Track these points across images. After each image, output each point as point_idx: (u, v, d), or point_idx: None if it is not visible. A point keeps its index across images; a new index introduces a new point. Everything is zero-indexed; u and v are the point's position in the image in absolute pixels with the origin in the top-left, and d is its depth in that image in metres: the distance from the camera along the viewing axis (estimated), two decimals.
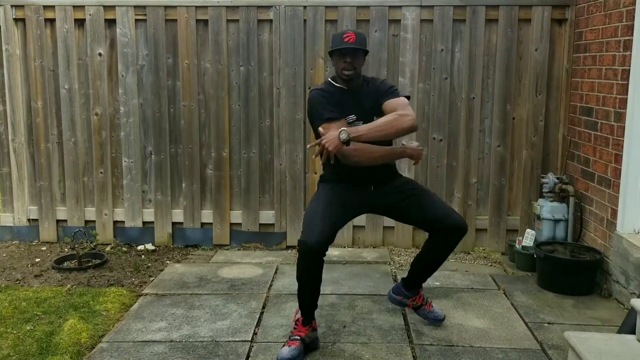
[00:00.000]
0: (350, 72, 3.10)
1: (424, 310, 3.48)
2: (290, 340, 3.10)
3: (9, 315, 3.54)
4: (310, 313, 3.17)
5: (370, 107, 3.15)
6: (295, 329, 3.15)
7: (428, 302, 3.50)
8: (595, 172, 4.16)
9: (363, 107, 3.15)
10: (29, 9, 4.80)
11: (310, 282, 3.08)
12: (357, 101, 3.16)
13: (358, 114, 3.13)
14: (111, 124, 4.91)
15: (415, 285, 3.46)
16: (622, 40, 3.81)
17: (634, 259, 3.59)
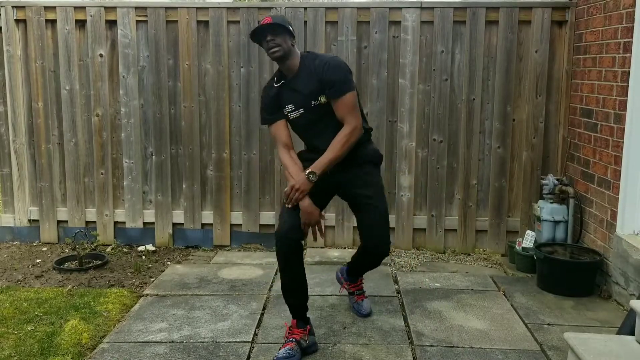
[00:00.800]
0: (276, 49, 3.03)
1: (352, 299, 3.68)
2: (286, 342, 3.11)
3: (10, 315, 3.54)
4: (302, 314, 3.19)
5: (309, 91, 3.12)
6: (289, 333, 3.15)
7: (361, 294, 3.67)
8: (595, 173, 4.17)
9: (300, 93, 3.14)
10: (30, 10, 4.81)
11: (292, 276, 3.11)
12: (294, 88, 3.16)
13: (295, 102, 3.16)
14: (112, 124, 4.92)
15: (352, 274, 3.69)
16: (622, 42, 3.82)
17: (633, 261, 3.60)
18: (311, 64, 3.13)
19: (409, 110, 4.77)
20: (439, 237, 4.89)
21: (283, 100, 3.20)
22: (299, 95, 3.15)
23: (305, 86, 3.13)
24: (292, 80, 3.17)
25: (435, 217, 4.86)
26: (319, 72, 3.09)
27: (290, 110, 3.19)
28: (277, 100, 3.21)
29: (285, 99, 3.19)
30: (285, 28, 3.07)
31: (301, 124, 3.23)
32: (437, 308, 3.71)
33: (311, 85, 3.11)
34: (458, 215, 4.86)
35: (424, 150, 4.82)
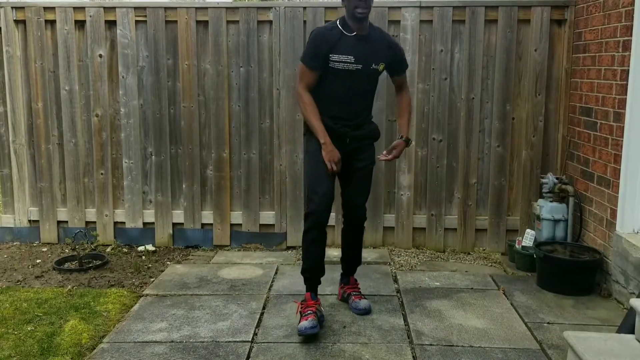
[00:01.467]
0: (365, 10, 3.22)
1: (350, 299, 3.69)
2: (305, 315, 3.30)
3: (10, 316, 3.55)
4: (316, 287, 3.48)
5: (377, 54, 3.36)
6: (305, 307, 3.36)
7: (358, 295, 3.70)
8: (594, 172, 4.17)
9: (363, 52, 3.31)
10: (30, 11, 4.81)
11: (319, 251, 3.42)
12: (358, 45, 3.30)
13: (359, 55, 3.30)
14: (112, 125, 4.92)
15: (345, 273, 3.78)
16: (621, 40, 3.82)
17: (633, 259, 3.60)
18: (381, 34, 3.47)
19: None
20: (438, 236, 4.89)
21: (342, 49, 3.27)
22: (367, 51, 3.31)
23: (375, 46, 3.35)
24: (365, 36, 3.32)
25: (435, 216, 4.86)
26: (391, 45, 3.45)
27: (346, 61, 3.27)
28: (333, 48, 3.26)
29: (347, 49, 3.27)
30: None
31: (347, 80, 3.31)
32: (437, 307, 3.71)
33: (381, 50, 3.37)
34: (458, 214, 4.86)
35: (424, 149, 4.82)
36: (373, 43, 3.36)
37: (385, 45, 3.41)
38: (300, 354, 3.12)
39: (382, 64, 3.39)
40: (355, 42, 3.30)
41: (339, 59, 3.28)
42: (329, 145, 3.31)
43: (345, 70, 3.30)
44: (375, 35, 3.40)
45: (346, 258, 3.77)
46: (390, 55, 3.43)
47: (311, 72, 3.33)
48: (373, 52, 3.34)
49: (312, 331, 3.22)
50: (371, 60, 3.34)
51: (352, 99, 3.38)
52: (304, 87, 3.35)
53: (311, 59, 3.31)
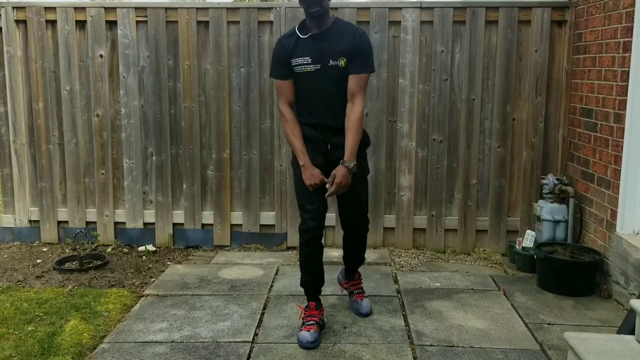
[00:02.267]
0: (317, 8, 3.09)
1: (352, 299, 3.68)
2: (307, 325, 3.28)
3: (11, 316, 3.55)
4: (318, 296, 3.44)
5: (334, 49, 3.16)
6: (308, 315, 3.35)
7: (360, 293, 3.66)
8: (595, 173, 4.17)
9: (319, 50, 3.17)
10: (30, 11, 4.81)
11: (316, 265, 3.38)
12: (314, 44, 3.19)
13: (315, 55, 3.18)
14: (112, 125, 4.93)
15: (349, 270, 3.74)
16: (621, 41, 3.82)
17: (633, 260, 3.60)
18: (345, 26, 3.27)
19: (408, 110, 4.77)
20: (439, 237, 4.89)
21: (300, 52, 3.19)
22: (322, 50, 3.17)
23: (332, 42, 3.17)
24: (320, 34, 3.19)
25: (435, 216, 4.86)
26: (351, 37, 3.18)
27: (303, 63, 3.18)
28: (292, 54, 3.20)
29: (303, 52, 3.19)
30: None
31: (311, 81, 3.20)
32: (437, 308, 3.71)
33: (339, 44, 3.17)
34: (458, 215, 4.86)
35: (424, 150, 4.82)
36: (332, 38, 3.18)
37: (347, 38, 3.18)
38: (300, 354, 3.12)
39: (342, 59, 3.16)
40: (311, 42, 3.19)
41: (297, 62, 3.20)
42: (308, 168, 3.20)
43: (305, 72, 3.20)
44: (338, 29, 3.21)
45: (349, 261, 3.73)
46: (350, 47, 3.16)
47: (283, 82, 3.24)
48: (331, 47, 3.17)
49: (311, 345, 3.18)
50: (328, 56, 3.16)
51: (321, 101, 3.24)
52: (283, 103, 3.27)
53: (276, 69, 3.27)
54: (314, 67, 3.18)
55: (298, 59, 3.20)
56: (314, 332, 3.23)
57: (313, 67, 3.19)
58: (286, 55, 3.21)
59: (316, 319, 3.31)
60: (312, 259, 3.36)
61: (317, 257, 3.38)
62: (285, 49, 3.22)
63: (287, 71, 3.23)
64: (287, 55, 3.21)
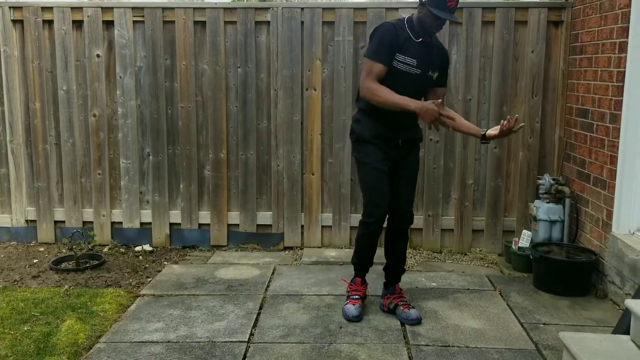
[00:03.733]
0: (437, 31, 3.34)
1: (399, 310, 3.58)
2: (353, 299, 3.59)
3: (7, 316, 3.55)
4: (365, 274, 3.71)
5: (434, 62, 3.42)
6: (353, 290, 3.64)
7: (406, 305, 3.59)
8: (591, 173, 4.18)
9: (425, 58, 3.37)
10: (27, 11, 4.81)
11: (372, 248, 3.61)
12: (421, 49, 3.37)
13: (420, 60, 3.36)
14: (109, 125, 4.93)
15: (389, 281, 3.74)
16: (617, 42, 3.83)
17: (629, 260, 3.61)
18: (438, 41, 3.53)
19: None
20: (435, 237, 4.89)
21: (410, 52, 3.33)
22: (427, 58, 3.37)
23: (435, 54, 3.42)
24: (429, 43, 3.39)
25: (432, 217, 4.87)
26: (445, 55, 3.53)
27: (409, 63, 3.33)
28: (402, 48, 3.31)
29: (411, 52, 3.33)
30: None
31: (406, 82, 3.35)
32: (433, 307, 3.72)
33: (438, 58, 3.44)
34: (455, 215, 4.87)
35: (421, 150, 4.80)
36: (434, 51, 3.42)
37: (442, 55, 3.49)
38: (296, 354, 3.12)
39: (437, 72, 3.44)
40: (420, 47, 3.35)
41: (403, 59, 3.33)
42: (423, 105, 3.22)
43: (406, 72, 3.35)
44: (436, 43, 3.47)
45: (390, 266, 3.71)
46: (444, 64, 3.51)
47: (382, 66, 3.31)
48: (432, 59, 3.40)
49: (357, 319, 3.50)
50: (429, 67, 3.39)
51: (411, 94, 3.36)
52: (372, 80, 3.31)
53: (381, 52, 3.30)
54: (416, 70, 3.36)
55: (406, 58, 3.33)
56: (359, 306, 3.55)
57: (414, 71, 3.36)
58: (396, 46, 3.31)
59: (361, 294, 3.62)
60: (370, 247, 3.60)
61: (374, 246, 3.62)
62: (398, 39, 3.32)
63: (390, 59, 3.32)
64: (397, 47, 3.31)
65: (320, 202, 4.91)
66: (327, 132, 4.83)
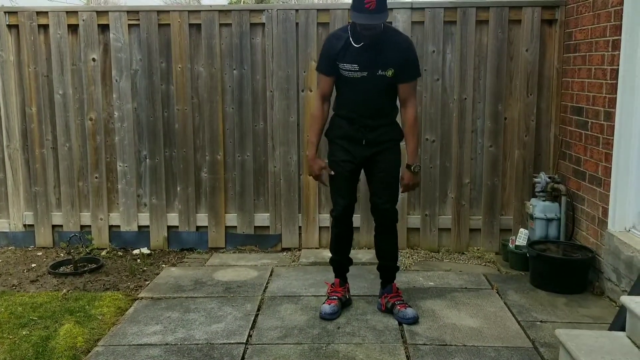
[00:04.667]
0: (371, 31, 3.24)
1: (396, 310, 3.58)
2: (330, 299, 3.63)
3: (5, 320, 3.55)
4: (344, 274, 3.74)
5: (384, 61, 3.34)
6: (332, 291, 3.69)
7: (403, 304, 3.59)
8: (586, 171, 4.19)
9: (369, 59, 3.33)
10: (22, 15, 4.82)
11: (344, 245, 3.68)
12: (364, 53, 3.33)
13: (362, 64, 3.34)
14: (105, 128, 4.93)
15: (384, 280, 3.74)
16: (610, 40, 3.84)
17: (625, 257, 3.63)
18: (393, 36, 3.43)
19: None
20: (432, 236, 4.90)
21: (348, 58, 3.35)
22: (372, 59, 3.33)
23: (383, 53, 3.33)
24: (371, 44, 3.31)
25: (429, 216, 4.88)
26: (401, 50, 3.38)
27: (350, 69, 3.36)
28: (340, 56, 3.36)
29: (352, 58, 3.34)
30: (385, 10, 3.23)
31: (355, 85, 3.40)
32: (431, 307, 3.73)
33: (389, 56, 3.34)
34: (452, 214, 4.88)
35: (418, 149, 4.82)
36: (383, 49, 3.34)
37: (397, 49, 3.37)
38: (294, 355, 3.13)
39: (390, 70, 3.36)
40: (361, 50, 3.33)
41: (344, 67, 3.38)
42: (311, 159, 3.56)
43: (352, 77, 3.39)
44: (388, 39, 3.36)
45: (382, 264, 3.73)
46: (401, 60, 3.38)
47: (324, 77, 3.48)
48: (381, 58, 3.34)
49: (331, 317, 3.53)
50: (377, 67, 3.35)
51: (364, 103, 3.44)
52: (318, 96, 3.54)
53: (322, 63, 3.49)
54: (361, 74, 3.38)
55: (346, 65, 3.37)
56: (334, 305, 3.57)
57: (360, 74, 3.37)
58: (334, 55, 3.38)
59: (339, 295, 3.65)
60: (341, 240, 3.67)
61: (345, 240, 3.67)
62: (334, 48, 3.38)
63: (332, 69, 3.41)
64: (335, 56, 3.38)
65: (318, 202, 4.92)
66: None
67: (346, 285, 3.75)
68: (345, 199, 3.55)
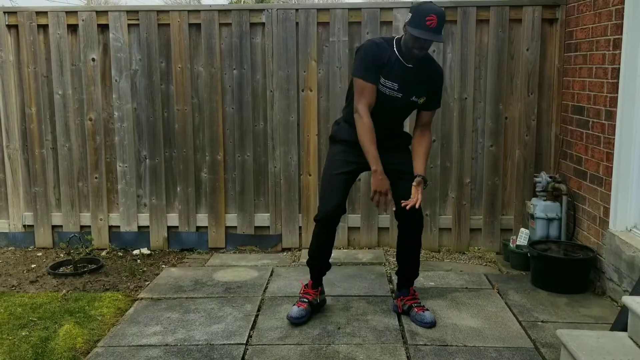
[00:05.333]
0: (423, 51, 3.23)
1: (413, 313, 3.52)
2: (300, 301, 3.54)
3: (5, 321, 3.54)
4: (319, 277, 3.62)
5: (415, 85, 3.31)
6: (304, 293, 3.59)
7: (420, 307, 3.53)
8: (587, 170, 4.18)
9: (407, 81, 3.30)
10: (22, 15, 4.81)
11: (325, 248, 3.53)
12: (405, 72, 3.29)
13: (402, 85, 3.30)
14: (105, 128, 4.92)
15: (402, 284, 3.65)
16: (611, 39, 3.83)
17: (626, 257, 3.61)
18: (429, 64, 3.39)
19: None
20: (433, 236, 4.89)
21: (390, 74, 3.27)
22: (409, 83, 3.30)
23: (421, 79, 3.31)
24: (412, 67, 3.29)
25: (430, 216, 4.87)
26: (435, 78, 3.40)
27: (390, 87, 3.29)
28: (385, 69, 3.26)
29: (394, 75, 3.28)
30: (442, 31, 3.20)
31: (385, 104, 3.32)
32: (432, 307, 3.71)
33: (425, 83, 3.34)
34: (452, 214, 4.87)
35: None
36: (421, 74, 3.31)
37: (433, 78, 3.38)
38: (294, 355, 3.12)
39: (423, 97, 3.35)
40: (405, 70, 3.28)
41: (386, 83, 3.28)
42: (380, 174, 3.26)
43: (387, 95, 3.30)
44: (426, 65, 3.34)
45: (402, 270, 3.64)
46: (434, 88, 3.40)
47: (371, 85, 3.26)
48: (418, 84, 3.31)
49: (297, 321, 3.44)
50: (413, 92, 3.32)
51: (386, 119, 3.36)
52: (364, 105, 3.27)
53: (367, 71, 3.26)
54: (397, 94, 3.31)
55: (388, 82, 3.29)
56: (301, 309, 3.48)
57: (396, 94, 3.31)
58: (380, 65, 3.26)
59: (310, 297, 3.55)
60: (321, 246, 3.54)
61: (324, 245, 3.54)
62: (380, 59, 3.26)
63: (377, 77, 3.27)
64: (381, 66, 3.26)
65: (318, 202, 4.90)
66: (323, 133, 4.82)
67: (319, 288, 3.63)
68: (339, 198, 3.41)
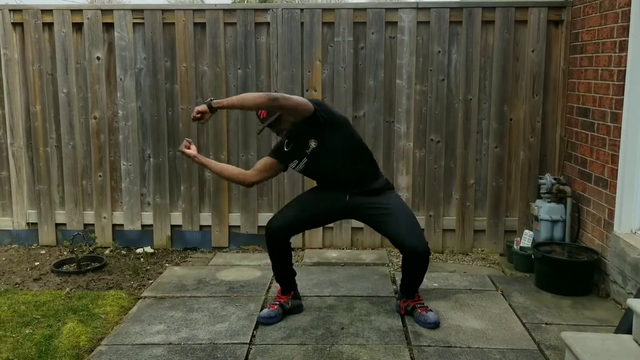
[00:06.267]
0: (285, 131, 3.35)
1: (416, 313, 3.52)
2: (271, 304, 3.61)
3: (8, 319, 3.54)
4: (285, 284, 3.63)
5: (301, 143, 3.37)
6: (276, 296, 3.65)
7: (424, 307, 3.53)
8: (592, 172, 4.17)
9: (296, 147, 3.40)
10: (27, 13, 4.81)
11: (276, 259, 3.55)
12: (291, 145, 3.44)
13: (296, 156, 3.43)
14: (110, 127, 4.93)
15: (407, 291, 3.59)
16: (617, 41, 3.82)
17: (631, 259, 3.60)
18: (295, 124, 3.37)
19: (406, 110, 4.78)
20: (437, 237, 4.88)
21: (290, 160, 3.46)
22: (295, 150, 3.41)
23: (296, 140, 3.39)
24: (288, 140, 3.43)
25: (433, 217, 4.86)
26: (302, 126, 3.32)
27: (295, 166, 3.45)
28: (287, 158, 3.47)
29: (290, 159, 3.45)
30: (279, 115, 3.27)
31: (312, 170, 3.46)
32: (435, 308, 3.70)
33: (299, 137, 3.37)
34: (456, 215, 4.86)
35: (422, 150, 4.82)
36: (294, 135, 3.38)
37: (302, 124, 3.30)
38: (298, 355, 3.12)
39: (312, 140, 3.33)
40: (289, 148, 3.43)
41: (292, 165, 3.47)
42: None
43: (302, 168, 3.44)
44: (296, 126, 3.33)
45: (406, 282, 3.56)
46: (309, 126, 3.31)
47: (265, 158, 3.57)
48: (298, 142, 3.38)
49: (265, 321, 3.49)
50: (303, 148, 3.37)
51: (330, 176, 3.44)
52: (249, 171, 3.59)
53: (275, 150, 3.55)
54: (303, 163, 3.41)
55: (291, 164, 3.48)
56: (272, 310, 3.54)
57: (303, 164, 3.42)
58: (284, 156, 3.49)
59: (281, 301, 3.60)
60: (274, 257, 3.55)
61: (278, 257, 3.54)
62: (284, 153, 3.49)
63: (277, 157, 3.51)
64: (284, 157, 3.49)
65: None
66: None
67: (291, 293, 3.63)
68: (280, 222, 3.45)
